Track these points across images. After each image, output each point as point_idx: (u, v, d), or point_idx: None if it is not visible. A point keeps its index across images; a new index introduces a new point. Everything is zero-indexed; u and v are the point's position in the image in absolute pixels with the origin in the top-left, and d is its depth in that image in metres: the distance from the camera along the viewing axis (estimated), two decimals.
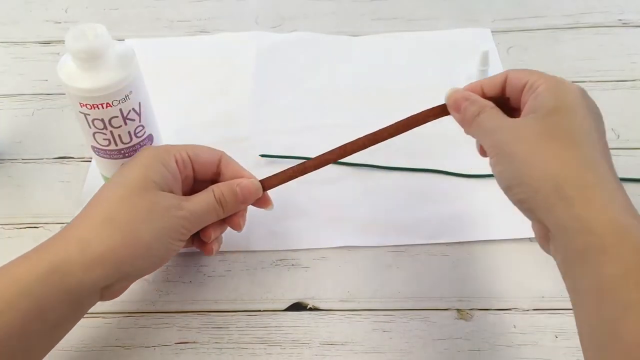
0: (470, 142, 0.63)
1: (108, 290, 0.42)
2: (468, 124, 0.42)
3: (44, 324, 0.39)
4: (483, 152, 0.43)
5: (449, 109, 0.43)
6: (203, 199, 0.45)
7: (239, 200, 0.46)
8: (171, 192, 0.44)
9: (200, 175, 0.47)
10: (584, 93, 0.39)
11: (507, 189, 0.38)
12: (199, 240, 0.48)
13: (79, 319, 0.42)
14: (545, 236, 0.37)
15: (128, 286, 0.45)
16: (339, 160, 0.58)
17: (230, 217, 0.47)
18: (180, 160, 0.45)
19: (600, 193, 0.34)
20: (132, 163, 0.45)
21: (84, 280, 0.39)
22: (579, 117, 0.37)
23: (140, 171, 0.43)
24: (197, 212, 0.44)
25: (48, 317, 0.39)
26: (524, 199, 0.37)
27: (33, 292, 0.38)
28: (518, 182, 0.37)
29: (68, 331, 0.42)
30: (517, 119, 0.39)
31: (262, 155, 0.59)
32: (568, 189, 0.34)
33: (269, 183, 0.48)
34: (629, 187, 0.55)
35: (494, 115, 0.40)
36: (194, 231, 0.45)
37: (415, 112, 0.45)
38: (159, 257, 0.44)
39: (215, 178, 0.48)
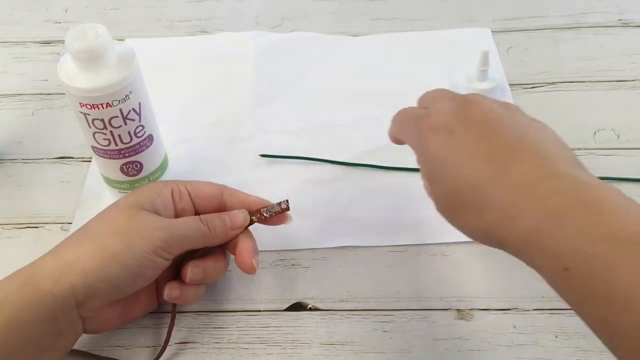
0: None
1: (83, 309, 0.40)
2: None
3: (26, 342, 0.38)
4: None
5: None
6: (188, 219, 0.45)
7: (227, 226, 0.45)
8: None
9: (202, 209, 0.47)
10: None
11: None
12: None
13: (62, 344, 0.41)
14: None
15: (108, 315, 0.43)
16: (339, 160, 0.58)
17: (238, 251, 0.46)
18: (176, 191, 0.46)
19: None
20: (129, 193, 0.46)
21: (54, 291, 0.39)
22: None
23: (130, 197, 0.45)
24: (177, 227, 0.43)
25: (29, 335, 0.38)
26: None
27: (9, 302, 0.39)
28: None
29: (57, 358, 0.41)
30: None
31: (262, 155, 0.59)
32: None
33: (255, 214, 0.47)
34: (629, 187, 0.55)
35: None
36: (176, 249, 0.43)
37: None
38: (132, 272, 0.41)
39: (220, 211, 0.47)
